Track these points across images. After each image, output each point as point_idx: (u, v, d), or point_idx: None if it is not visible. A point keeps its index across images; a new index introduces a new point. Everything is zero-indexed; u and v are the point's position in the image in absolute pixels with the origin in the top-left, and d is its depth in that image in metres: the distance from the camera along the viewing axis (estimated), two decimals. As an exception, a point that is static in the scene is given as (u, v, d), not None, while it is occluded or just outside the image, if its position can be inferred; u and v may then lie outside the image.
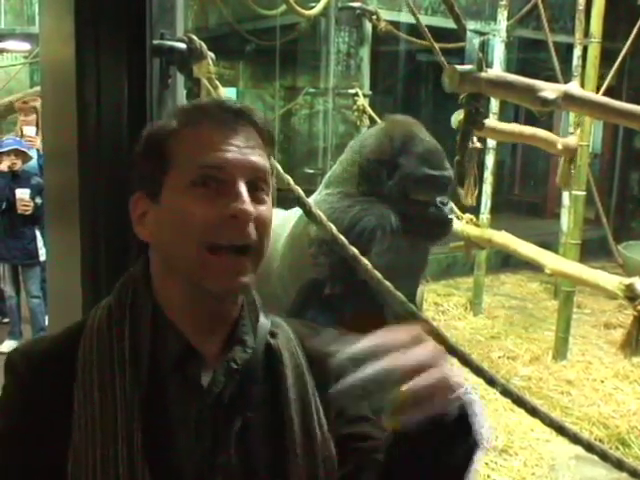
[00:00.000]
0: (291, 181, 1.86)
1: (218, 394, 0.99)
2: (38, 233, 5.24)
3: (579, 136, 5.34)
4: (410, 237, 2.54)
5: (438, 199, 2.52)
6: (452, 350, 2.10)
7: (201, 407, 0.99)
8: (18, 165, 5.12)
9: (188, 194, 0.97)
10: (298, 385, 1.05)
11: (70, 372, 0.97)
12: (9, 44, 10.28)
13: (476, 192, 3.97)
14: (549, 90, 2.86)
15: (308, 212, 1.96)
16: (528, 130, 4.99)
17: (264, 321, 1.08)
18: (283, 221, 2.83)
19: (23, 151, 5.16)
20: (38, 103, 5.22)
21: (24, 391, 0.99)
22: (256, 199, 0.99)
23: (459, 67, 2.70)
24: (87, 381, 0.97)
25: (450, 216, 2.58)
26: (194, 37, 1.64)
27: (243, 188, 0.97)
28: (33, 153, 5.31)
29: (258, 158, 1.01)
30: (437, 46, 3.67)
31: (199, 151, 0.98)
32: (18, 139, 5.32)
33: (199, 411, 0.98)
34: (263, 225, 1.00)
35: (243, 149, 0.99)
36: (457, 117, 3.59)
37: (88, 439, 0.94)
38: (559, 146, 5.19)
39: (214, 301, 1.01)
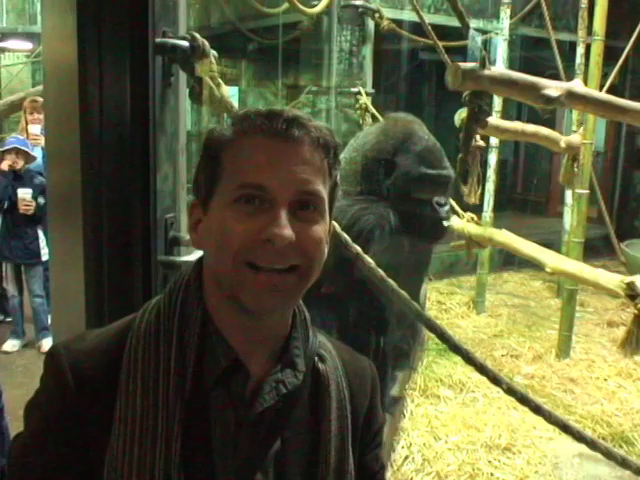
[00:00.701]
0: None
1: (260, 412, 0.98)
2: (41, 233, 5.24)
3: (582, 134, 5.32)
4: (410, 236, 2.53)
5: (435, 199, 2.50)
6: (456, 348, 2.10)
7: (241, 423, 0.98)
8: (19, 164, 5.11)
9: (231, 209, 0.95)
10: (339, 419, 1.06)
11: (114, 371, 0.96)
12: (11, 43, 10.29)
13: (479, 190, 3.96)
14: (553, 88, 2.86)
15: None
16: (531, 128, 4.96)
17: (313, 341, 1.06)
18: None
19: (24, 150, 5.15)
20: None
21: (65, 389, 0.96)
22: (305, 219, 0.96)
23: (462, 64, 2.69)
24: (131, 386, 0.95)
25: (446, 217, 2.55)
26: (197, 35, 1.63)
27: (283, 211, 0.94)
28: (38, 151, 5.30)
29: (309, 175, 0.96)
30: (440, 44, 3.66)
31: (244, 169, 0.95)
32: (22, 138, 5.31)
33: (238, 426, 0.97)
34: (312, 245, 0.96)
35: (291, 167, 0.95)
36: (460, 115, 3.58)
37: (126, 445, 0.93)
38: (562, 144, 5.18)
39: (252, 317, 0.99)
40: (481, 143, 3.80)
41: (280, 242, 0.92)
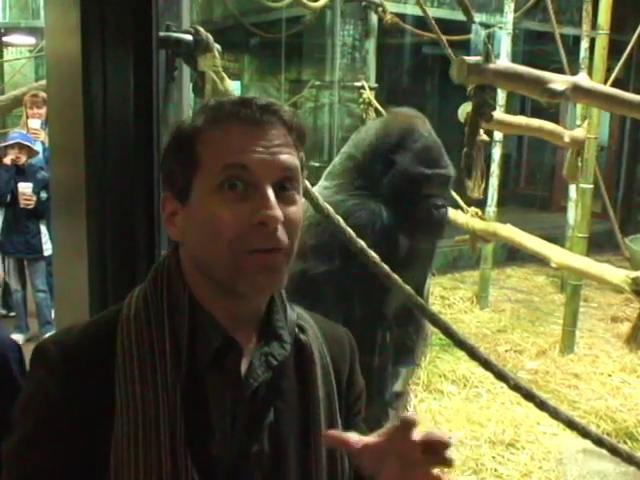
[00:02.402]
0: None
1: (255, 386, 1.00)
2: (43, 228, 5.24)
3: (586, 128, 5.30)
4: (406, 234, 2.51)
5: (432, 201, 2.48)
6: (460, 343, 2.09)
7: (238, 398, 0.99)
8: (22, 159, 5.11)
9: (216, 198, 0.95)
10: (325, 384, 1.09)
11: (108, 362, 0.96)
12: (14, 38, 10.30)
13: (483, 185, 3.95)
14: (558, 82, 2.84)
15: (315, 205, 1.95)
16: (535, 123, 4.95)
17: (292, 313, 1.09)
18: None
19: (27, 145, 5.15)
20: (47, 96, 5.19)
21: (59, 384, 0.95)
22: (285, 199, 0.98)
23: (467, 58, 2.68)
24: (128, 371, 0.95)
25: (441, 219, 2.53)
26: (200, 29, 1.63)
27: (270, 192, 0.95)
28: (38, 146, 5.30)
29: (286, 157, 0.98)
30: (444, 38, 3.64)
31: (224, 152, 0.96)
32: (25, 133, 5.31)
33: (235, 402, 0.99)
34: (293, 226, 0.98)
35: (270, 148, 0.97)
36: (464, 110, 3.56)
37: (130, 430, 0.93)
38: (566, 139, 5.16)
39: (242, 299, 1.00)
40: (485, 137, 3.78)
41: (273, 223, 0.94)
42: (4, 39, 10.36)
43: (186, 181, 0.99)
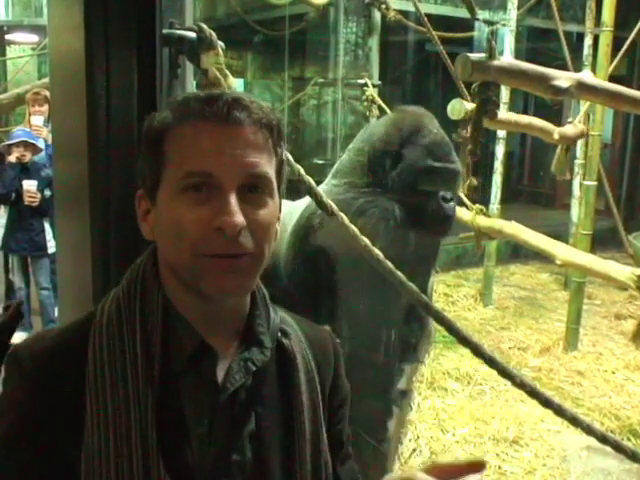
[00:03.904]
0: (302, 171, 1.84)
1: (232, 393, 0.98)
2: (47, 225, 5.24)
3: (578, 124, 5.28)
4: (416, 230, 2.51)
5: (441, 194, 2.47)
6: (465, 341, 2.09)
7: (215, 405, 0.97)
8: (27, 157, 5.12)
9: (178, 199, 0.93)
10: (309, 390, 1.06)
11: (79, 368, 0.94)
12: (17, 36, 10.28)
13: (477, 183, 3.94)
14: (562, 78, 2.83)
15: (319, 202, 1.94)
16: (524, 119, 4.91)
17: (275, 317, 1.06)
18: (290, 211, 2.81)
19: (32, 143, 5.16)
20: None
21: (31, 389, 0.94)
22: (254, 202, 0.95)
23: (472, 55, 2.66)
24: (99, 379, 0.93)
25: (450, 214, 2.52)
26: (204, 26, 1.62)
27: (232, 197, 0.92)
28: (41, 143, 5.31)
29: (254, 159, 0.94)
30: (435, 35, 3.62)
31: (188, 156, 0.93)
32: (28, 130, 5.31)
33: (212, 409, 0.97)
34: (262, 229, 0.95)
35: (236, 150, 0.93)
36: (454, 107, 3.51)
37: (101, 438, 0.92)
38: (555, 135, 5.14)
39: (212, 302, 0.98)
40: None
41: (232, 230, 0.91)
42: (7, 37, 10.34)
43: (155, 179, 0.97)
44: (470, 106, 3.07)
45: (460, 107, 3.27)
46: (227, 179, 0.92)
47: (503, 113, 5.01)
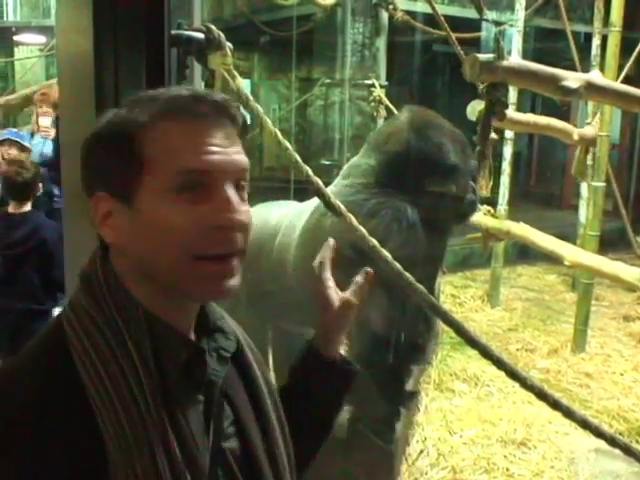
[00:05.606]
0: (310, 172, 1.84)
1: (209, 382, 0.97)
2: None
3: (596, 126, 5.27)
4: (428, 229, 2.50)
5: (470, 184, 2.49)
6: (473, 342, 2.08)
7: (210, 400, 0.97)
8: (12, 155, 5.10)
9: (169, 200, 0.88)
10: (260, 368, 1.09)
11: (70, 401, 0.87)
12: (25, 37, 10.31)
13: (491, 183, 3.94)
14: (571, 79, 2.82)
15: (327, 203, 1.94)
16: (543, 120, 4.91)
17: (217, 309, 1.06)
18: (298, 213, 2.81)
19: (17, 141, 5.14)
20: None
21: (31, 446, 0.84)
22: (241, 198, 0.93)
23: (480, 56, 2.66)
24: (108, 405, 0.86)
25: (475, 198, 2.55)
26: (212, 27, 1.62)
27: (232, 194, 0.91)
28: (49, 144, 5.31)
29: (241, 157, 0.94)
30: (453, 36, 3.62)
31: (179, 153, 0.89)
32: (15, 131, 5.31)
33: (208, 404, 0.96)
34: (246, 227, 0.93)
35: (227, 148, 0.92)
36: (473, 108, 3.53)
37: (126, 461, 0.85)
38: (575, 136, 5.14)
39: (194, 303, 0.98)
40: (494, 135, 3.77)
41: (237, 226, 0.90)
42: (15, 38, 10.38)
43: (128, 180, 0.90)
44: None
45: (481, 108, 3.26)
46: (224, 176, 0.91)
47: (521, 114, 5.02)
